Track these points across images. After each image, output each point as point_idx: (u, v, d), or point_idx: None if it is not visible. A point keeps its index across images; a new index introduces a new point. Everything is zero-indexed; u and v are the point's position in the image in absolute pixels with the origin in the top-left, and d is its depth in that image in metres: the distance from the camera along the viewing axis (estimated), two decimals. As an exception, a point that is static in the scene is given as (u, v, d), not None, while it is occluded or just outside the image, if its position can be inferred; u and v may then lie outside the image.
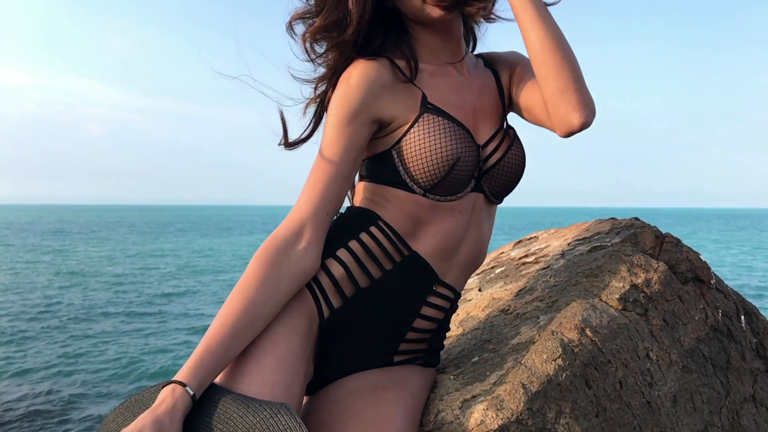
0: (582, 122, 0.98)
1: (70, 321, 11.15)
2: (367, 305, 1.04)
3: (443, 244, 1.07)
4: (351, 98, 0.98)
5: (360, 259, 1.03)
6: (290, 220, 0.97)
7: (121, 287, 15.68)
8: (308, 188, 0.98)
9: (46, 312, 11.97)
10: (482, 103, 1.11)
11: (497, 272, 1.66)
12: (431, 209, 1.04)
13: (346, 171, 0.99)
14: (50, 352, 8.83)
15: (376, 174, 1.06)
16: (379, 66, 1.01)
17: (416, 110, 1.02)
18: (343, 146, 0.98)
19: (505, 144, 1.11)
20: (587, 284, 1.24)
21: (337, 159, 0.98)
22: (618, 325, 1.15)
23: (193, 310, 12.56)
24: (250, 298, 0.88)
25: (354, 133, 0.99)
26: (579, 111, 0.97)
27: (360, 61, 1.01)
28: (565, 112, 0.97)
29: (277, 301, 0.92)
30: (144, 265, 21.68)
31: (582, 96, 0.97)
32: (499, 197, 1.13)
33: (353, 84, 0.99)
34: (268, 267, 0.91)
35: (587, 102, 0.98)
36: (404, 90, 1.03)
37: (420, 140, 1.00)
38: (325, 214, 0.98)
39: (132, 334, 10.17)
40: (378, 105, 1.00)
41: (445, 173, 1.01)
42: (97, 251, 27.37)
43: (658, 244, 1.37)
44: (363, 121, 0.99)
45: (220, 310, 0.89)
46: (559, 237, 1.68)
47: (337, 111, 0.99)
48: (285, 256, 0.93)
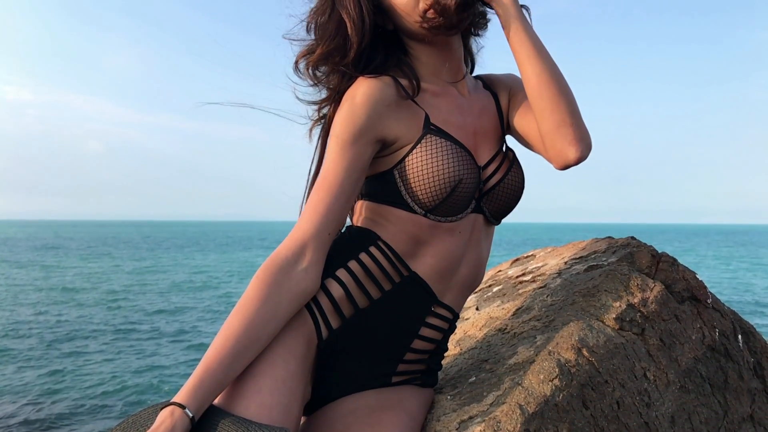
0: (578, 157, 1.00)
1: (62, 338, 11.02)
2: (366, 326, 1.04)
3: (443, 265, 1.07)
4: (356, 118, 0.98)
5: (359, 279, 1.03)
6: (291, 239, 0.96)
7: (115, 303, 15.58)
8: (311, 208, 0.98)
9: (37, 329, 11.83)
10: (482, 125, 1.12)
11: (494, 291, 1.66)
12: (431, 229, 1.05)
13: (349, 191, 0.99)
14: (41, 370, 8.69)
15: (376, 193, 1.07)
16: (384, 85, 1.01)
17: (419, 131, 1.03)
18: (346, 166, 0.98)
19: (504, 166, 1.12)
20: (584, 303, 1.25)
21: (340, 179, 0.98)
22: (615, 345, 1.15)
23: (189, 327, 12.47)
24: (250, 318, 0.88)
25: (358, 153, 0.99)
26: (575, 145, 0.99)
27: (364, 80, 1.01)
28: (561, 146, 1.00)
29: (278, 322, 0.91)
30: (139, 281, 21.58)
31: (578, 131, 1.00)
32: (497, 218, 1.14)
33: (358, 103, 0.99)
34: (268, 288, 0.91)
35: (583, 136, 1.00)
36: (408, 110, 1.04)
37: (423, 161, 1.01)
38: (327, 234, 0.98)
39: (126, 351, 10.08)
40: (382, 125, 1.00)
41: (447, 194, 1.01)
42: (91, 267, 27.25)
43: (654, 264, 1.37)
44: (367, 141, 1.00)
45: (221, 330, 0.88)
46: (556, 255, 1.69)
47: (342, 130, 0.99)
48: (286, 277, 0.93)
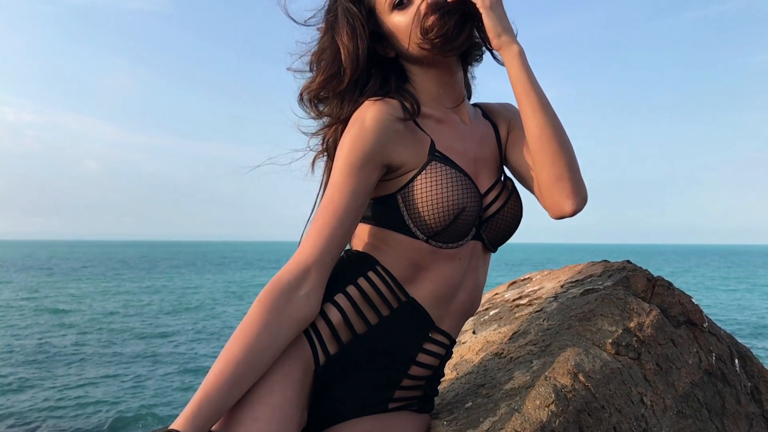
0: (573, 210, 1.03)
1: (55, 362, 10.84)
2: (364, 352, 1.04)
3: (442, 290, 1.07)
4: (365, 142, 0.98)
5: (357, 305, 1.03)
6: (294, 264, 0.95)
7: (106, 325, 15.41)
8: (315, 232, 0.97)
9: (22, 352, 11.62)
10: (483, 153, 1.13)
11: (491, 314, 1.66)
12: (432, 255, 1.05)
13: (354, 215, 0.99)
14: (33, 396, 8.53)
15: (378, 217, 1.07)
16: (392, 108, 1.02)
17: (424, 157, 1.04)
18: (352, 190, 0.98)
19: (504, 195, 1.13)
20: (580, 328, 1.25)
21: (346, 203, 0.97)
22: (611, 370, 1.15)
23: (183, 350, 12.34)
24: (250, 345, 0.87)
25: (364, 178, 0.99)
26: (571, 199, 1.02)
27: (372, 103, 1.02)
28: (558, 198, 1.03)
29: (278, 347, 0.91)
30: (135, 302, 21.41)
31: (575, 185, 1.03)
32: (495, 246, 1.15)
33: (368, 126, 0.99)
34: (269, 313, 0.90)
35: (580, 191, 1.03)
36: (413, 135, 1.04)
37: (427, 188, 1.01)
38: (330, 259, 0.97)
39: (118, 375, 9.92)
40: (390, 150, 1.01)
41: (451, 221, 1.02)
42: (85, 288, 27.03)
43: (650, 288, 1.38)
44: (374, 165, 1.00)
45: (220, 356, 0.88)
46: (553, 279, 1.69)
47: (350, 154, 0.98)
48: (287, 302, 0.92)
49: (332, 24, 1.06)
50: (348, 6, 1.05)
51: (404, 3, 1.04)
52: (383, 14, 1.07)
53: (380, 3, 1.06)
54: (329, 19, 1.07)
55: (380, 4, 1.07)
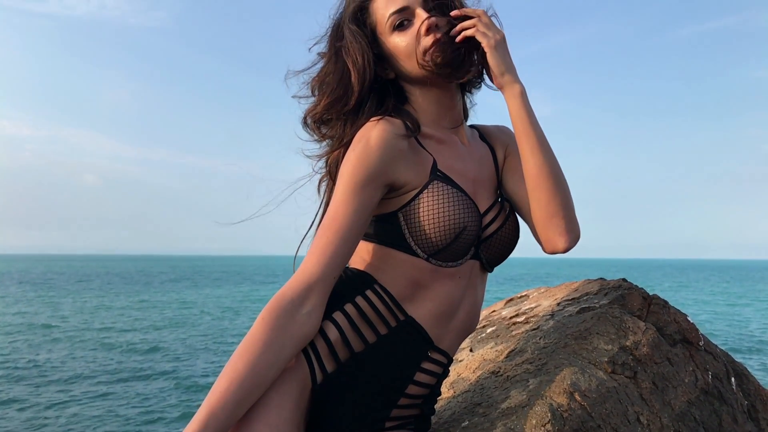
0: (566, 247, 1.07)
1: (46, 379, 10.68)
2: (361, 370, 1.04)
3: (441, 309, 1.08)
4: (370, 160, 0.99)
5: (355, 323, 1.03)
6: (298, 281, 0.96)
7: (105, 340, 15.29)
8: (318, 250, 0.97)
9: (13, 368, 11.47)
10: (481, 174, 1.15)
11: (488, 332, 1.66)
12: (432, 274, 1.06)
13: (357, 234, 1.00)
14: (21, 414, 8.31)
15: (378, 235, 1.07)
16: (395, 128, 1.03)
17: (426, 176, 1.05)
18: (356, 209, 0.99)
19: (502, 215, 1.14)
20: (576, 347, 1.25)
21: (350, 221, 0.98)
22: (607, 388, 1.15)
23: (180, 364, 12.25)
24: (254, 362, 0.88)
25: (368, 196, 1.00)
26: (565, 236, 1.06)
27: (376, 122, 1.03)
28: (552, 235, 1.07)
29: (280, 365, 0.91)
30: (129, 317, 21.29)
31: (569, 223, 1.06)
32: (492, 266, 1.16)
33: (373, 146, 1.00)
34: (273, 332, 0.91)
35: (573, 228, 1.07)
36: (416, 154, 1.06)
37: (429, 207, 1.02)
38: (332, 278, 0.98)
39: (114, 393, 9.80)
40: (394, 169, 1.02)
41: (451, 240, 1.03)
42: (80, 303, 26.87)
43: (645, 306, 1.38)
44: (378, 184, 1.01)
45: (224, 373, 0.88)
46: (549, 296, 1.70)
47: (354, 172, 0.99)
48: (290, 320, 0.92)
49: (340, 47, 1.09)
50: (354, 29, 1.08)
51: (404, 25, 1.07)
52: (384, 36, 1.09)
53: (381, 25, 1.09)
54: (335, 42, 1.10)
55: (381, 26, 1.09)
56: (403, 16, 1.07)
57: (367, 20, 1.10)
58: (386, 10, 1.07)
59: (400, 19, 1.07)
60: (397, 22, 1.07)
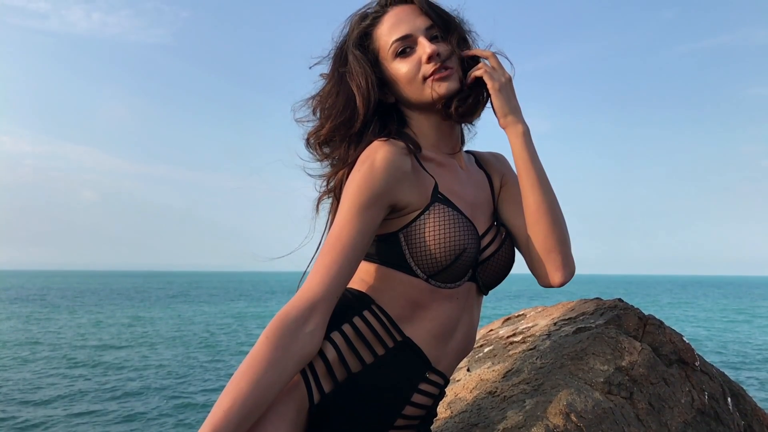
0: (561, 282, 1.10)
1: (42, 397, 10.54)
2: (358, 390, 1.04)
3: (439, 330, 1.09)
4: (374, 182, 1.01)
5: (353, 343, 1.04)
6: (301, 300, 0.96)
7: (101, 358, 15.14)
8: (323, 269, 0.98)
9: (17, 387, 11.27)
10: (479, 198, 1.17)
11: (485, 351, 1.67)
12: (431, 294, 1.07)
13: (359, 254, 1.01)
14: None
15: (378, 255, 1.09)
16: (399, 150, 1.05)
17: (428, 198, 1.07)
18: (360, 229, 1.00)
19: (498, 239, 1.16)
20: (572, 367, 1.26)
21: (354, 242, 0.99)
22: (603, 409, 1.15)
23: (177, 381, 12.13)
24: (258, 381, 0.88)
25: (372, 217, 1.01)
26: (560, 272, 1.10)
27: (381, 144, 1.05)
28: (548, 269, 1.10)
29: (282, 384, 0.92)
30: (126, 333, 21.12)
31: (565, 259, 1.10)
32: (488, 288, 1.17)
33: (378, 167, 1.01)
34: (277, 351, 0.91)
35: (568, 264, 1.10)
36: (418, 176, 1.08)
37: (430, 228, 1.04)
38: (335, 297, 0.99)
39: (110, 411, 9.68)
40: (397, 190, 1.04)
41: (451, 262, 1.04)
42: (76, 319, 26.65)
43: (641, 326, 1.39)
44: (382, 205, 1.02)
45: (228, 391, 0.88)
46: (546, 316, 1.71)
47: (359, 193, 1.00)
48: (293, 339, 0.93)
49: (344, 71, 1.11)
50: (358, 54, 1.11)
51: (407, 52, 1.10)
52: (386, 61, 1.12)
53: (384, 50, 1.12)
54: (339, 67, 1.12)
55: (384, 52, 1.12)
56: (405, 44, 1.09)
57: (370, 45, 1.13)
58: (389, 36, 1.10)
59: (402, 46, 1.09)
60: (399, 49, 1.10)
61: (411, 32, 1.09)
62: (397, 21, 1.10)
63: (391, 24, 1.10)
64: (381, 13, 1.12)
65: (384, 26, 1.11)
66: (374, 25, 1.12)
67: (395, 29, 1.10)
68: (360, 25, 1.13)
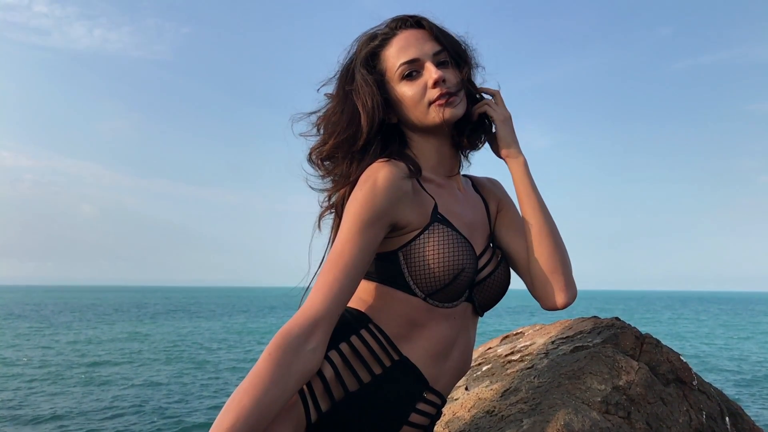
0: (565, 303, 1.13)
1: (36, 418, 10.33)
2: (355, 410, 1.04)
3: (437, 349, 1.09)
4: (377, 201, 1.02)
5: (350, 361, 1.04)
6: (304, 317, 0.97)
7: (97, 375, 14.98)
8: (325, 286, 0.99)
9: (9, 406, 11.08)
10: (476, 220, 1.19)
11: (484, 370, 1.67)
12: (428, 313, 1.08)
13: (361, 272, 1.02)
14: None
15: (377, 273, 1.10)
16: (401, 171, 1.07)
17: (427, 218, 1.09)
18: (362, 247, 1.01)
19: (494, 261, 1.18)
20: (570, 386, 1.26)
21: (356, 260, 1.00)
22: (600, 429, 1.15)
23: (174, 399, 12.00)
24: (260, 398, 0.88)
25: (373, 235, 1.02)
26: (565, 292, 1.13)
27: (382, 164, 1.06)
28: (552, 291, 1.13)
29: (284, 401, 0.92)
30: (122, 350, 20.94)
31: (568, 280, 1.14)
32: (483, 309, 1.18)
33: (381, 187, 1.02)
34: (280, 368, 0.91)
35: (571, 286, 1.14)
36: (418, 197, 1.09)
37: (430, 247, 1.05)
38: (337, 315, 1.00)
39: (108, 430, 9.56)
40: (398, 210, 1.05)
41: (449, 281, 1.05)
42: (72, 335, 26.40)
43: (638, 345, 1.40)
44: (383, 224, 1.04)
45: (230, 408, 0.88)
46: (544, 334, 1.71)
47: (362, 212, 1.01)
48: (296, 356, 0.93)
49: (351, 90, 1.13)
50: (365, 73, 1.13)
51: (413, 75, 1.12)
52: (392, 82, 1.14)
53: (391, 72, 1.13)
54: (345, 85, 1.14)
55: (390, 73, 1.14)
56: (412, 67, 1.11)
57: (378, 65, 1.14)
58: (397, 59, 1.12)
59: (409, 69, 1.11)
60: (406, 72, 1.12)
61: (419, 56, 1.11)
62: (406, 44, 1.12)
63: (400, 47, 1.12)
64: (390, 35, 1.14)
65: (392, 48, 1.13)
66: (383, 46, 1.14)
67: (403, 52, 1.12)
68: (368, 45, 1.15)
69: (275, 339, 0.94)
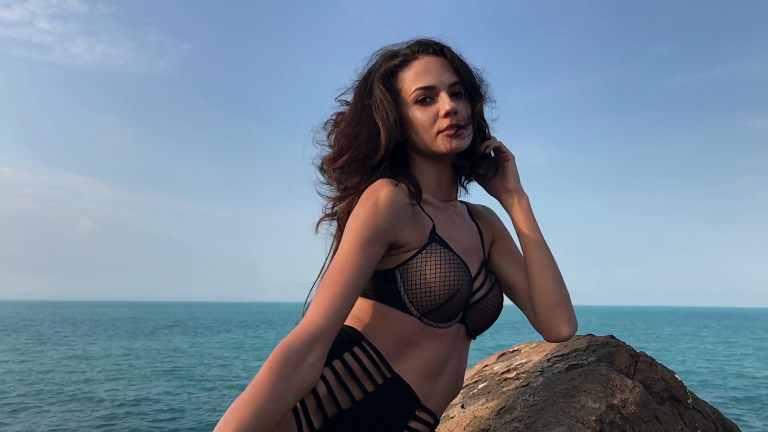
0: (569, 334, 1.17)
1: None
2: (348, 427, 1.04)
3: (429, 368, 1.10)
4: (379, 219, 1.03)
5: (342, 379, 1.05)
6: (304, 331, 0.97)
7: (90, 393, 14.81)
8: (326, 301, 0.99)
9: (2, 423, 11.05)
10: (471, 244, 1.21)
11: (480, 387, 1.67)
12: (422, 332, 1.09)
13: (360, 288, 1.03)
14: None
15: (373, 290, 1.11)
16: (402, 191, 1.08)
17: (425, 238, 1.10)
18: (362, 263, 1.02)
19: (488, 284, 1.19)
20: (564, 405, 1.26)
21: (356, 276, 1.01)
22: (595, 449, 1.15)
23: (170, 417, 11.87)
24: (260, 412, 0.88)
25: (373, 253, 1.04)
26: (569, 324, 1.17)
27: (385, 183, 1.08)
28: (557, 323, 1.17)
29: (282, 415, 0.92)
30: (117, 366, 20.76)
31: (570, 311, 1.19)
32: (476, 332, 1.19)
33: (382, 205, 1.04)
34: (280, 382, 0.91)
35: (573, 317, 1.19)
36: (417, 217, 1.11)
37: (428, 266, 1.07)
38: (336, 330, 1.00)
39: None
40: (398, 229, 1.07)
41: (445, 301, 1.07)
42: (67, 351, 26.18)
43: (632, 364, 1.40)
44: (383, 242, 1.05)
45: (229, 421, 0.88)
46: (540, 351, 1.71)
47: (363, 229, 1.03)
48: (295, 371, 0.93)
49: (369, 104, 1.14)
50: (383, 89, 1.14)
51: (427, 101, 1.14)
52: (405, 104, 1.15)
53: (405, 93, 1.15)
54: (363, 99, 1.15)
55: (405, 94, 1.15)
56: (428, 94, 1.13)
57: (394, 84, 1.16)
58: (414, 83, 1.13)
59: (424, 95, 1.13)
60: (420, 97, 1.13)
61: (435, 84, 1.13)
62: (426, 70, 1.14)
63: (419, 71, 1.14)
64: (411, 58, 1.15)
65: (411, 71, 1.14)
66: (402, 66, 1.15)
67: (421, 77, 1.13)
68: (388, 63, 1.16)
69: (275, 352, 0.94)
